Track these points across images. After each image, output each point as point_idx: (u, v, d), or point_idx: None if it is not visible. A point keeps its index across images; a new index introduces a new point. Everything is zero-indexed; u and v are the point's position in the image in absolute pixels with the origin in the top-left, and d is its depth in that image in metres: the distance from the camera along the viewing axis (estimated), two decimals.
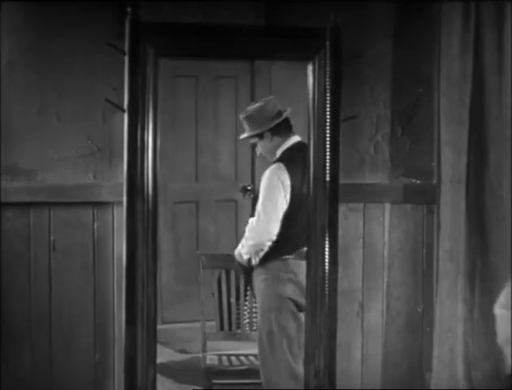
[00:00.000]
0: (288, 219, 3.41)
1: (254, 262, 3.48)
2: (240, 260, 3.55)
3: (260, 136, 3.52)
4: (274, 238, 3.41)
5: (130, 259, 2.90)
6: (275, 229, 3.41)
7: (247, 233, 3.49)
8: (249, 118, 3.52)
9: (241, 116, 3.57)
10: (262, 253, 3.44)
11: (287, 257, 3.43)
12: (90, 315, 3.46)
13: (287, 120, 3.53)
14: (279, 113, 3.50)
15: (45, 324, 3.43)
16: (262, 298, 3.47)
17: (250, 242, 3.45)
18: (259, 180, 3.60)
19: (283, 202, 3.40)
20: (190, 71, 5.42)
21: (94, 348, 3.47)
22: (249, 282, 3.58)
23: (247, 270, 3.54)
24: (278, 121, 3.48)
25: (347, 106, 3.10)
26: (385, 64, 3.54)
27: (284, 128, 3.51)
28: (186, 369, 4.52)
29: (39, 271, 3.42)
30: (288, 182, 3.39)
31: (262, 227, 3.41)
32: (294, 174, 3.38)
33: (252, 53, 3.16)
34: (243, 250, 3.50)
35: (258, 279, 3.48)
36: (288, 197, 3.39)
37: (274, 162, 3.49)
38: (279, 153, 3.51)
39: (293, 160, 3.41)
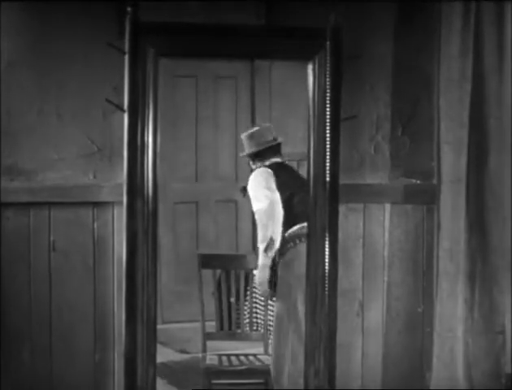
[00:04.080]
0: (286, 200, 3.61)
1: (270, 254, 3.59)
2: (262, 282, 3.66)
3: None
4: (281, 213, 3.56)
5: (130, 259, 2.90)
6: (280, 209, 3.56)
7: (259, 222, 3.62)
8: (245, 138, 3.81)
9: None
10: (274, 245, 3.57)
11: (296, 242, 3.54)
12: (90, 315, 3.46)
13: (273, 148, 3.75)
14: (265, 142, 3.73)
15: (45, 324, 3.43)
16: (277, 285, 3.62)
17: (261, 245, 3.59)
18: None
19: (275, 195, 3.58)
20: (190, 71, 5.42)
21: (94, 348, 3.47)
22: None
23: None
24: (252, 151, 3.73)
25: (347, 106, 3.10)
26: (385, 64, 3.55)
27: (267, 154, 3.74)
28: (186, 369, 4.52)
29: (39, 271, 3.42)
30: (267, 174, 3.63)
31: (270, 223, 3.55)
32: (275, 170, 3.65)
33: (252, 53, 3.15)
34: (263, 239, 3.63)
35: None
36: (273, 182, 3.61)
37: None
38: None
39: (272, 166, 3.71)
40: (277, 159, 3.76)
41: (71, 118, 3.43)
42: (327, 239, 2.98)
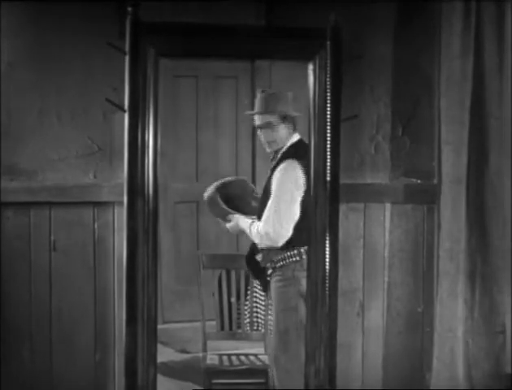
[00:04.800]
0: (302, 218, 3.32)
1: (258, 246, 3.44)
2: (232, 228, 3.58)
3: (271, 121, 3.40)
4: (289, 236, 3.32)
5: (130, 259, 2.90)
6: (291, 229, 3.31)
7: (262, 229, 3.36)
8: (272, 97, 3.40)
9: (262, 94, 3.43)
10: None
11: (302, 257, 3.35)
12: (90, 315, 3.46)
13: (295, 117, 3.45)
14: (296, 109, 3.42)
15: (45, 324, 3.43)
16: (279, 298, 3.40)
17: (268, 242, 3.35)
18: (260, 180, 3.59)
19: (298, 201, 3.31)
20: (190, 71, 5.41)
21: (94, 348, 3.47)
22: (257, 277, 3.56)
23: (260, 268, 3.51)
24: (297, 114, 3.40)
25: (347, 106, 3.10)
26: (386, 64, 3.55)
27: (293, 122, 3.42)
28: (186, 369, 4.52)
29: (39, 271, 3.42)
30: (302, 180, 3.29)
31: (279, 230, 3.31)
32: (305, 171, 3.28)
33: (252, 53, 3.15)
34: (257, 236, 3.41)
35: (274, 279, 3.44)
36: (302, 195, 3.31)
37: (283, 158, 3.38)
38: (284, 148, 3.42)
39: (301, 157, 3.32)
40: (297, 134, 3.42)
41: (71, 118, 3.43)
42: (327, 238, 2.99)
